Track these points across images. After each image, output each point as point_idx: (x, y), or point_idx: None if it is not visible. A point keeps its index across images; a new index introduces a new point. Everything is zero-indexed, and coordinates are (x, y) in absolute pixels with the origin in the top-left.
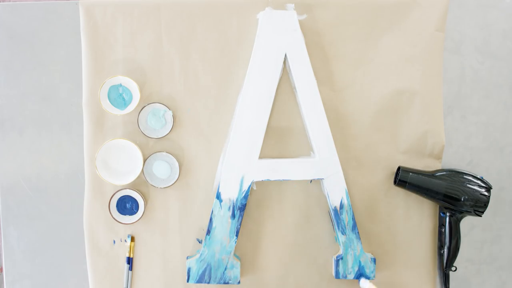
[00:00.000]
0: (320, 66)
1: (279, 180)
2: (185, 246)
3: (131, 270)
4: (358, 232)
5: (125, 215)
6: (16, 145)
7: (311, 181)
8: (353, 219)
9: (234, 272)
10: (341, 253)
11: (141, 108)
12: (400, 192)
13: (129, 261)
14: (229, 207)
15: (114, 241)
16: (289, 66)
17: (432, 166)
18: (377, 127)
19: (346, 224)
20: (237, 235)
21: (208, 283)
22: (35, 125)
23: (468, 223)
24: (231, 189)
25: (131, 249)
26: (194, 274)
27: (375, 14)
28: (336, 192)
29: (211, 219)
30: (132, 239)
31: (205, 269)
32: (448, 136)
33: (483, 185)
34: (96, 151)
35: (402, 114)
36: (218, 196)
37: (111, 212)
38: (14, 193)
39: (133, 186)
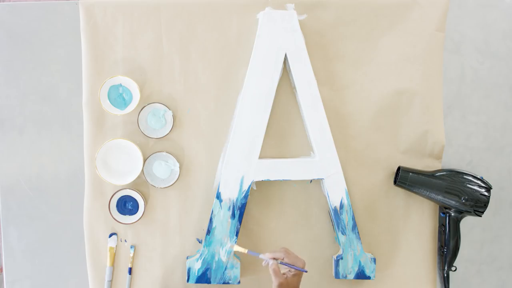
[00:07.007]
0: (320, 66)
1: (279, 180)
2: (185, 246)
3: (130, 274)
4: (358, 232)
5: (125, 215)
6: (16, 145)
7: (311, 181)
8: (353, 219)
9: (234, 272)
10: (341, 253)
11: (141, 108)
12: (400, 192)
13: (130, 271)
14: (229, 207)
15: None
16: (289, 66)
17: (432, 166)
18: (377, 127)
19: (346, 224)
20: (237, 235)
21: (208, 283)
22: (35, 125)
23: (468, 223)
24: (231, 189)
25: (133, 260)
26: (194, 274)
27: (375, 14)
28: (336, 192)
29: (211, 219)
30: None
31: (205, 269)
32: (448, 136)
33: (483, 185)
34: (96, 151)
35: (402, 114)
36: (218, 196)
37: (111, 212)
38: (14, 193)
39: (133, 186)
